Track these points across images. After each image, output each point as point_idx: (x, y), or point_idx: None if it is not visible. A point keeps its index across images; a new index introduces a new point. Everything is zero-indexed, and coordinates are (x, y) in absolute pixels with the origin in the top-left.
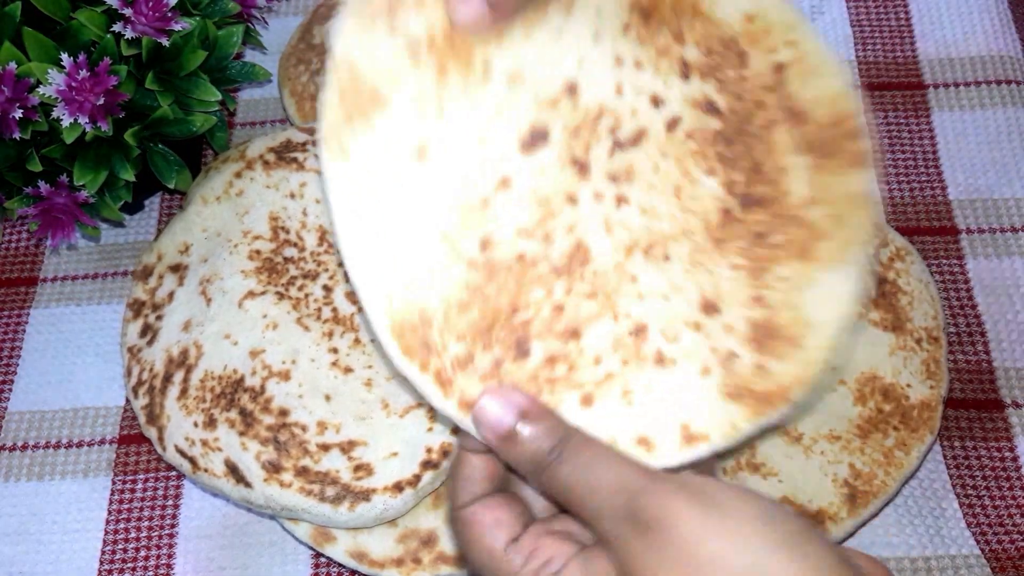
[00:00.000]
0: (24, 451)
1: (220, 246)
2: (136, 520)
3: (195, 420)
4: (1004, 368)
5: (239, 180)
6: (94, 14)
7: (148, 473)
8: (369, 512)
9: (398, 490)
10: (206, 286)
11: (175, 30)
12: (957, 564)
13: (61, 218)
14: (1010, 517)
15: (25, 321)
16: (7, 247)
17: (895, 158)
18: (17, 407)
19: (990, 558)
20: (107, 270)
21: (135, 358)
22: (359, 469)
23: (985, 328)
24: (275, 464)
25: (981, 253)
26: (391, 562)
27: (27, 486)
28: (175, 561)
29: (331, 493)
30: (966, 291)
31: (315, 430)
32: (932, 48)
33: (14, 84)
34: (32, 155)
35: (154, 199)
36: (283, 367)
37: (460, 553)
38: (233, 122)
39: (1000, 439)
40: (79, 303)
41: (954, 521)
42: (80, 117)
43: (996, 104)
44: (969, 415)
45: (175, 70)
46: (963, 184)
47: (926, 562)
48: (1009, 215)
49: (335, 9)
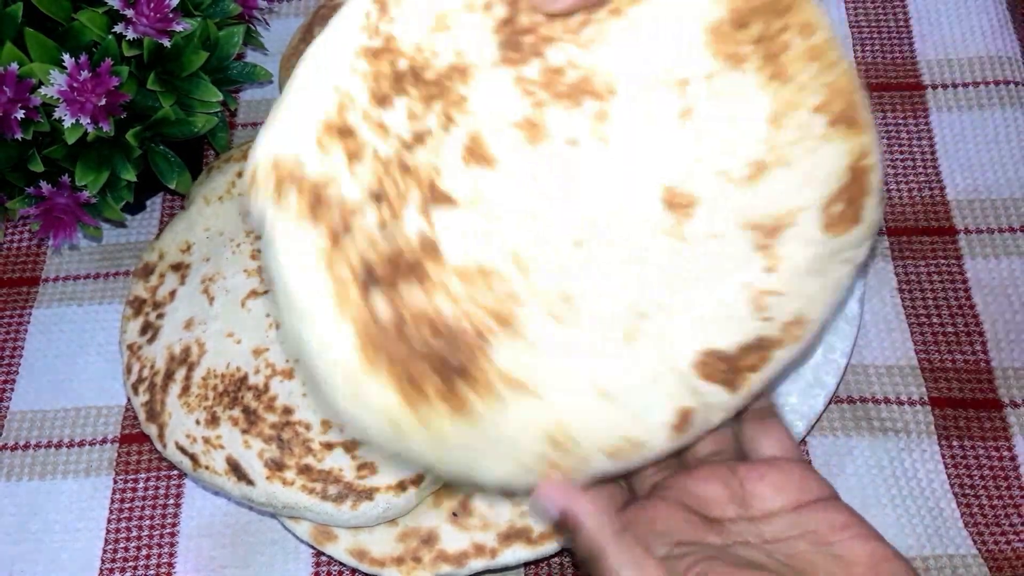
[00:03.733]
0: (26, 450)
1: (223, 245)
2: (137, 519)
3: (197, 417)
4: (1002, 368)
5: (241, 180)
6: (95, 15)
7: (149, 472)
8: (372, 511)
9: (401, 489)
10: (208, 285)
11: (176, 31)
12: (955, 564)
13: (63, 218)
14: (1007, 517)
15: (27, 321)
16: (9, 247)
17: (893, 158)
18: (19, 407)
19: (987, 558)
20: (109, 270)
21: (135, 355)
22: (362, 468)
23: (983, 328)
24: (278, 462)
25: (979, 253)
26: (391, 561)
27: (29, 485)
28: (176, 560)
29: (334, 491)
30: (964, 291)
31: (319, 428)
32: (930, 49)
33: (16, 85)
34: (34, 155)
35: (156, 199)
36: (287, 365)
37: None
38: (234, 123)
39: (998, 439)
40: (81, 303)
41: (952, 521)
42: (82, 118)
43: (994, 105)
44: (967, 415)
45: (176, 71)
46: (961, 184)
47: (924, 561)
48: (1007, 215)
49: (336, 10)
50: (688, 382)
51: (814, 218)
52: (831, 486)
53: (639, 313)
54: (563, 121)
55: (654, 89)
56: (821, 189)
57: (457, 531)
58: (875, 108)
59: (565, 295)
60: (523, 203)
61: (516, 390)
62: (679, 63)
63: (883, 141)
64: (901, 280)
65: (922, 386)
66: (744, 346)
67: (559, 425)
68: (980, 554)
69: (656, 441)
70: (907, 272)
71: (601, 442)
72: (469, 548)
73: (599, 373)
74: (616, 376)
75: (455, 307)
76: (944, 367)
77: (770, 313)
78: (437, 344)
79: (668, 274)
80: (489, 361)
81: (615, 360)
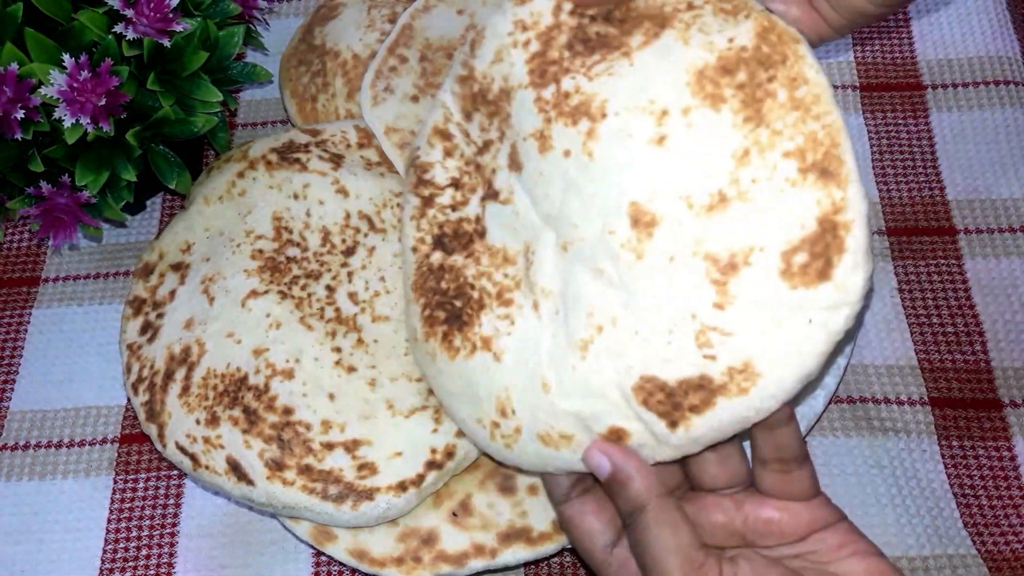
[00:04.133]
0: (26, 450)
1: (222, 245)
2: (138, 519)
3: (197, 417)
4: (1002, 368)
5: (241, 180)
6: (95, 15)
7: (149, 472)
8: (372, 511)
9: (402, 489)
10: (208, 285)
11: (176, 31)
12: (955, 564)
13: (63, 218)
14: (1007, 518)
15: (27, 321)
16: (9, 247)
17: (893, 158)
18: (19, 407)
19: (987, 558)
20: (109, 270)
21: (134, 355)
22: (363, 468)
23: (983, 328)
24: (278, 462)
25: (979, 253)
26: (391, 561)
27: (29, 485)
28: (176, 560)
29: (334, 492)
30: (964, 291)
31: (319, 429)
32: (930, 49)
33: (16, 85)
34: (34, 155)
35: (156, 199)
36: (287, 366)
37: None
38: (234, 123)
39: (998, 439)
40: (81, 303)
41: (952, 521)
42: (82, 118)
43: (994, 105)
44: (967, 415)
45: (176, 71)
46: (961, 184)
47: (924, 561)
48: (1007, 215)
49: (336, 10)
50: (630, 404)
51: (771, 262)
52: (839, 511)
53: (597, 325)
54: (562, 134)
55: (636, 116)
56: (782, 234)
57: (457, 531)
58: (875, 108)
59: (545, 291)
60: (534, 207)
61: (487, 352)
62: (661, 96)
63: (883, 141)
64: (901, 280)
65: (922, 386)
66: (685, 381)
67: (507, 392)
68: (980, 554)
69: (584, 443)
70: (907, 272)
71: (535, 424)
72: (469, 548)
73: (549, 369)
74: (564, 376)
75: (476, 273)
76: (944, 367)
77: (714, 351)
78: (454, 296)
79: (626, 290)
80: (480, 323)
81: (567, 360)
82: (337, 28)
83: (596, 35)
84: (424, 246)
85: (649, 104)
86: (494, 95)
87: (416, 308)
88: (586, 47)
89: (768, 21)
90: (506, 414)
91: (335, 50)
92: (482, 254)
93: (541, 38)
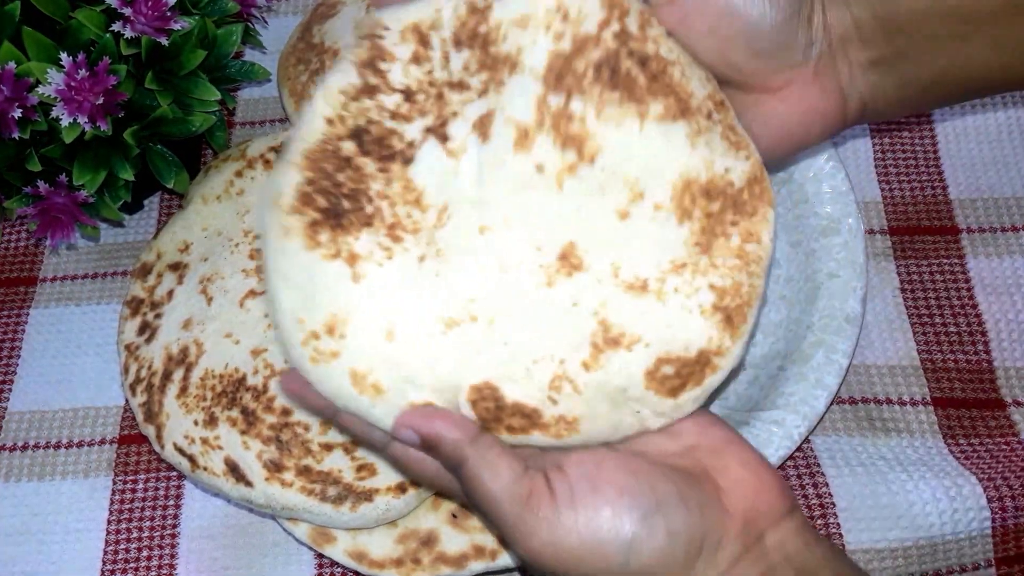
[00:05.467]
0: (24, 451)
1: (221, 245)
2: (138, 520)
3: (195, 418)
4: (1005, 368)
5: (240, 179)
6: (93, 13)
7: (149, 473)
8: (371, 512)
9: (401, 491)
10: (207, 285)
11: (174, 29)
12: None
13: (60, 218)
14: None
15: (25, 321)
16: (6, 247)
17: (896, 157)
18: (17, 407)
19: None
20: (107, 270)
21: (132, 355)
22: (362, 469)
23: (986, 328)
24: (277, 463)
25: (982, 252)
26: (391, 562)
27: (28, 486)
28: (178, 561)
29: (333, 493)
30: (967, 290)
31: (318, 429)
32: None
33: (13, 83)
34: (31, 155)
35: (153, 199)
36: (286, 366)
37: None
38: (233, 121)
39: (1006, 435)
40: (79, 303)
41: (974, 498)
42: (79, 117)
43: (996, 104)
44: (970, 415)
45: (174, 69)
46: (964, 183)
47: (956, 543)
48: (1010, 214)
49: (335, 8)
50: (458, 395)
51: (646, 359)
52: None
53: (473, 315)
54: (545, 148)
55: (617, 181)
56: (669, 344)
57: (457, 533)
58: None
59: (441, 254)
60: (478, 183)
61: (349, 267)
62: (647, 182)
63: (886, 140)
64: (903, 280)
65: (924, 386)
66: (519, 405)
67: (346, 315)
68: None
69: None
70: (909, 272)
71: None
72: (469, 550)
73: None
74: (414, 338)
75: (381, 192)
76: (947, 367)
77: (558, 397)
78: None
79: (520, 302)
80: (357, 238)
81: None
82: (336, 26)
83: (627, 73)
84: (341, 127)
85: (634, 180)
86: (496, 52)
87: (296, 175)
88: (612, 79)
89: (760, 172)
90: (332, 333)
91: (334, 48)
92: (396, 179)
93: (576, 41)
